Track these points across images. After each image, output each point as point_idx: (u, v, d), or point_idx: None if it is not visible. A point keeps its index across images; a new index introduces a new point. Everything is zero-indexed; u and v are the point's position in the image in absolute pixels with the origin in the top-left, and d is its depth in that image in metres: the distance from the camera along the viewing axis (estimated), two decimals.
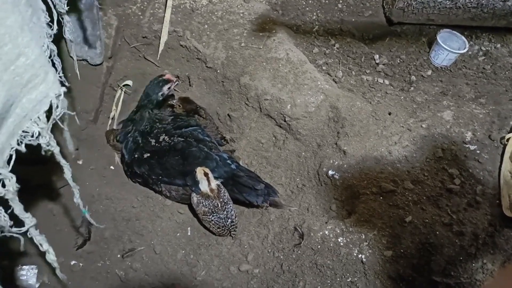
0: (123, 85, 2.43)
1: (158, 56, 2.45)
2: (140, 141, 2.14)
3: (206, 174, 1.92)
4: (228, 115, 2.38)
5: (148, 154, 2.09)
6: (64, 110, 1.11)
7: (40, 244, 1.26)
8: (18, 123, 0.99)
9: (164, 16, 2.41)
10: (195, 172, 1.93)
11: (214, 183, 1.94)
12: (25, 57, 0.91)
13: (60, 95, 1.06)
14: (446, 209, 1.81)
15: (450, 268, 1.69)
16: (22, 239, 1.16)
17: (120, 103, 2.42)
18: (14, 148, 1.01)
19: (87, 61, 2.17)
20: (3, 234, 1.09)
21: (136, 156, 2.10)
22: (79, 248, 1.82)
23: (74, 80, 2.09)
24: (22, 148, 1.03)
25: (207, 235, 1.98)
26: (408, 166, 1.96)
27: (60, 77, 1.16)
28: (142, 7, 2.46)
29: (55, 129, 1.25)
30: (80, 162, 2.08)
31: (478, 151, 1.99)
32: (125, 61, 2.45)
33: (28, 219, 1.15)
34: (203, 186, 1.91)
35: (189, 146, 2.07)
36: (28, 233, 1.21)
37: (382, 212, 1.83)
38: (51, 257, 1.29)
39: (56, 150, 1.15)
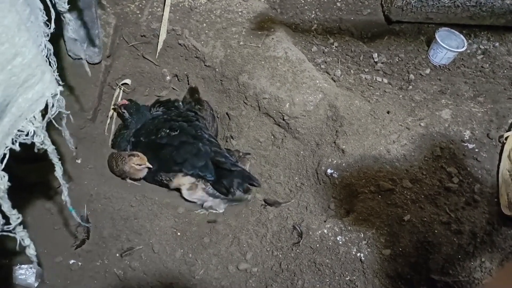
0: (122, 84, 2.42)
1: (157, 54, 2.44)
2: (137, 139, 2.17)
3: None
4: (226, 114, 2.38)
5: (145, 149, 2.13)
6: (59, 109, 1.11)
7: (22, 239, 1.25)
8: (14, 122, 0.98)
9: (162, 14, 2.41)
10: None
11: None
12: (22, 57, 0.90)
13: (56, 94, 1.06)
14: (445, 208, 1.82)
15: (449, 266, 1.70)
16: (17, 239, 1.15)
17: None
18: (9, 147, 1.01)
19: (86, 60, 2.17)
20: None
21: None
22: (78, 248, 1.82)
23: (72, 79, 2.09)
24: (16, 147, 1.03)
25: (205, 234, 1.98)
26: (407, 164, 1.96)
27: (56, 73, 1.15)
28: (140, 5, 2.45)
29: (51, 128, 1.26)
30: (79, 161, 2.07)
31: (476, 150, 2.00)
32: (124, 59, 2.44)
33: (15, 216, 1.14)
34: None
35: (184, 142, 2.09)
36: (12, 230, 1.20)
37: (381, 211, 1.83)
38: (30, 251, 1.29)
39: (50, 148, 1.15)
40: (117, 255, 1.83)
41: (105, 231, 1.87)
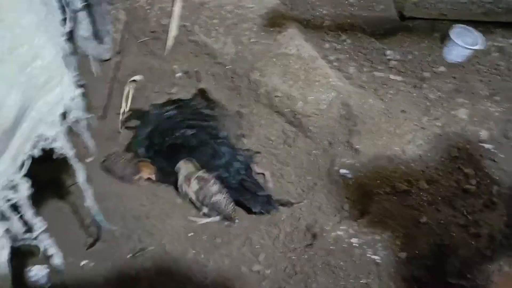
0: (132, 81, 2.39)
1: (167, 51, 2.41)
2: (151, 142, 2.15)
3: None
4: (237, 111, 2.35)
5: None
6: (79, 112, 1.08)
7: (48, 248, 1.25)
8: (33, 127, 0.96)
9: (172, 10, 2.37)
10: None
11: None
12: (41, 59, 0.87)
13: (75, 98, 1.03)
14: (462, 210, 1.78)
15: (466, 270, 1.66)
16: (40, 248, 1.14)
17: (130, 99, 2.38)
18: (28, 153, 0.98)
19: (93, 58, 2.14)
20: (17, 243, 1.07)
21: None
22: (90, 247, 1.80)
23: (82, 76, 2.05)
24: (36, 153, 1.00)
25: (217, 235, 1.96)
26: (423, 165, 1.92)
27: (74, 76, 1.12)
28: (150, 1, 2.42)
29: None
30: (89, 160, 2.05)
31: (493, 151, 1.96)
32: (133, 56, 2.41)
33: (38, 224, 1.12)
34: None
35: (201, 142, 2.06)
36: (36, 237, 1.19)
37: (396, 212, 1.80)
38: (57, 260, 1.28)
39: (70, 153, 1.12)
40: (129, 255, 1.81)
41: (117, 231, 1.85)
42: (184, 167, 2.01)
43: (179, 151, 2.06)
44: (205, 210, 2.00)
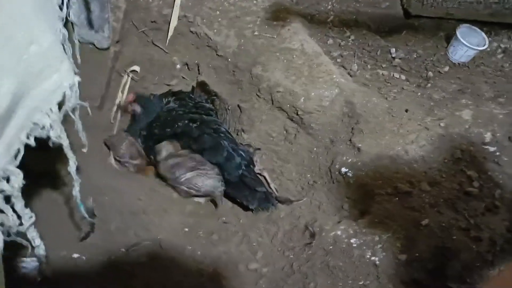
0: (130, 71, 2.34)
1: (167, 42, 2.36)
2: (149, 132, 2.12)
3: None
4: (238, 106, 2.31)
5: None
6: (77, 100, 1.04)
7: (33, 240, 1.21)
8: (28, 115, 0.91)
9: (174, 0, 2.32)
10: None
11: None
12: (38, 45, 0.83)
13: (74, 85, 0.98)
14: (464, 213, 1.76)
15: (466, 274, 1.64)
16: (29, 245, 1.11)
17: (126, 89, 2.34)
18: (24, 142, 0.93)
19: (94, 45, 2.08)
20: (10, 238, 1.03)
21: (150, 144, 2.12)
22: (82, 240, 1.75)
23: (80, 64, 2.00)
24: (32, 142, 0.96)
25: (215, 231, 1.92)
26: (425, 166, 1.89)
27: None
28: None
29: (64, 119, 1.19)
30: (85, 150, 2.00)
31: (497, 153, 1.93)
32: (133, 46, 2.36)
33: (27, 216, 1.09)
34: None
35: (203, 133, 2.06)
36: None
37: (397, 214, 1.78)
38: (40, 252, 1.25)
39: (65, 143, 1.08)
40: (124, 250, 1.77)
41: (112, 225, 1.80)
42: (164, 148, 1.97)
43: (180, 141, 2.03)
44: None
